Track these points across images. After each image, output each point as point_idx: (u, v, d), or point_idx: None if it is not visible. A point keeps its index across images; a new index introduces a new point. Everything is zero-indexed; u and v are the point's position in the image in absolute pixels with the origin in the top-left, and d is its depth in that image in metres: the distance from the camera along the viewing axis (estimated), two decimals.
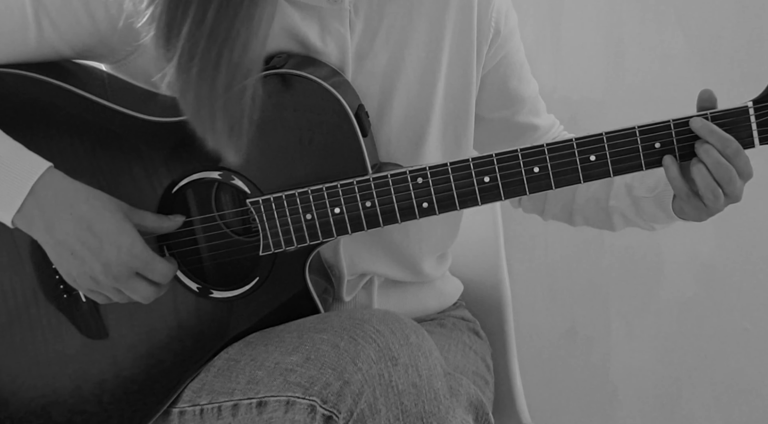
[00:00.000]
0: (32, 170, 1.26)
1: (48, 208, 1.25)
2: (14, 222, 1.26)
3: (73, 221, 1.26)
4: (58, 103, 1.32)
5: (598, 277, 2.29)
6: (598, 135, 1.30)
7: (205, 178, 1.34)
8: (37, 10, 1.28)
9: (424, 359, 1.21)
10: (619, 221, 1.52)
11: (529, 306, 2.30)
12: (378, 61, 1.39)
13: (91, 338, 1.37)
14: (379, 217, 1.32)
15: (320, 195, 1.31)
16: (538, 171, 1.31)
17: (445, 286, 1.63)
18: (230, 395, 1.29)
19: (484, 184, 1.31)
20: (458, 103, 1.46)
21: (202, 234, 1.36)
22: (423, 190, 1.31)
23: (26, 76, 1.31)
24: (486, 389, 1.56)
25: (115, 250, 1.27)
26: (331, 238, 1.33)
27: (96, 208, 1.27)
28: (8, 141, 1.27)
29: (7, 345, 1.37)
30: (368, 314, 1.26)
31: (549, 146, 1.30)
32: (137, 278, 1.30)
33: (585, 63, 2.18)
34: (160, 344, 1.37)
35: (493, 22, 1.46)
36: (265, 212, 1.32)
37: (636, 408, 2.33)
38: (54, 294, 1.36)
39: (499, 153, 1.31)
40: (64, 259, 1.28)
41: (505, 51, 1.49)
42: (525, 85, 1.54)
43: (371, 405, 1.17)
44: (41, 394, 1.38)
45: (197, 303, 1.37)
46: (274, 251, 1.34)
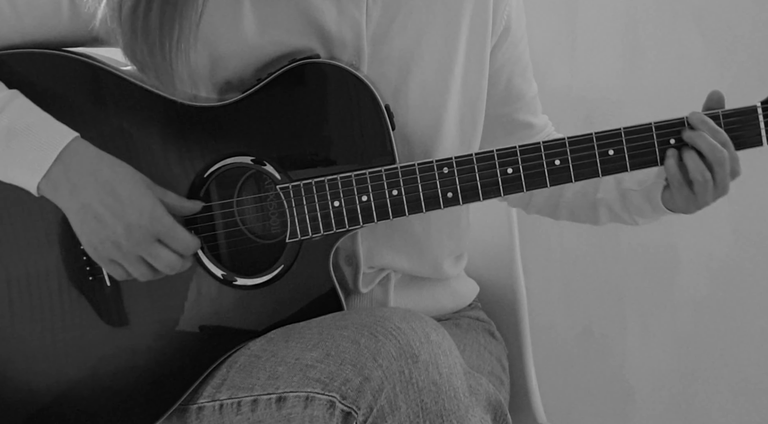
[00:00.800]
0: (60, 138, 1.28)
1: (73, 173, 1.28)
2: (40, 187, 1.28)
3: (97, 184, 1.28)
4: (93, 83, 1.35)
5: (613, 277, 2.29)
6: (616, 130, 1.35)
7: (236, 164, 1.35)
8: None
9: (445, 357, 1.21)
10: (605, 214, 1.55)
11: (545, 306, 2.30)
12: (394, 47, 1.41)
13: (111, 326, 1.38)
14: (405, 205, 1.35)
15: (348, 182, 1.34)
16: (559, 164, 1.35)
17: (461, 286, 1.63)
18: (250, 391, 1.29)
19: (507, 176, 1.35)
20: (474, 90, 1.48)
21: (229, 219, 1.38)
22: (448, 180, 1.35)
23: (61, 55, 1.33)
24: (502, 389, 1.56)
25: (137, 212, 1.28)
26: (357, 226, 1.35)
27: (119, 173, 1.29)
28: (38, 111, 1.30)
29: (27, 328, 1.38)
30: (389, 312, 1.26)
31: (570, 139, 1.35)
32: (159, 244, 1.30)
33: (601, 62, 2.18)
34: (181, 334, 1.38)
35: (505, 16, 1.49)
36: (294, 197, 1.34)
37: (651, 408, 2.33)
38: (79, 276, 1.37)
39: (522, 145, 1.35)
40: (87, 224, 1.29)
41: (514, 49, 1.53)
42: (528, 85, 1.58)
43: (391, 402, 1.18)
44: (57, 380, 1.38)
45: (220, 291, 1.37)
46: (301, 238, 1.35)
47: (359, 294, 1.49)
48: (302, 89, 1.33)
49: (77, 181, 1.28)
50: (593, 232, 2.25)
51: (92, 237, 1.29)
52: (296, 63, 1.33)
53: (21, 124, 1.27)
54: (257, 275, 1.37)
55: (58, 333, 1.38)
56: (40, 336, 1.38)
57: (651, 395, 2.33)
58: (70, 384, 1.38)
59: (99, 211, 1.28)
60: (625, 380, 2.33)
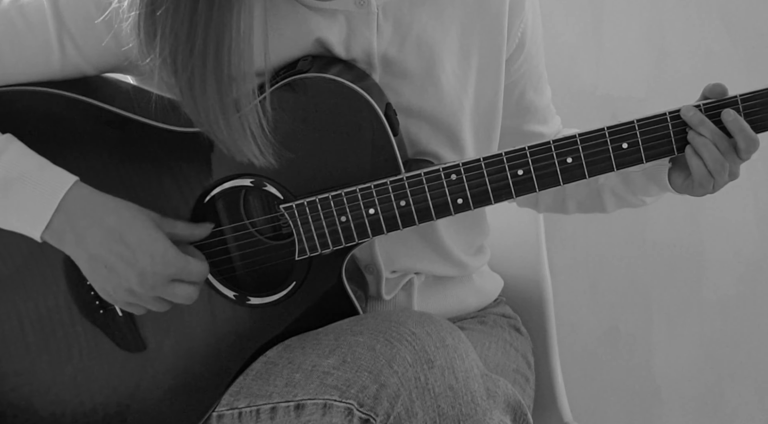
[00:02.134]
0: (59, 185, 1.26)
1: (77, 222, 1.26)
2: (43, 237, 1.26)
3: (104, 233, 1.26)
4: (84, 118, 1.31)
5: (640, 275, 2.28)
6: (629, 123, 1.31)
7: (236, 186, 1.34)
8: (60, 32, 1.28)
9: (461, 361, 1.21)
10: (610, 200, 1.53)
11: (571, 304, 2.29)
12: (408, 65, 1.39)
13: (129, 352, 1.38)
14: (414, 215, 1.32)
15: (354, 197, 1.31)
16: (571, 161, 1.32)
17: (485, 283, 1.62)
18: (268, 398, 1.29)
19: (518, 177, 1.32)
20: (489, 105, 1.46)
21: (235, 242, 1.36)
22: (457, 187, 1.32)
23: (50, 92, 1.30)
24: (527, 387, 1.55)
25: (149, 259, 1.26)
26: (367, 238, 1.33)
27: (125, 218, 1.27)
28: (33, 156, 1.27)
29: (44, 362, 1.38)
30: (404, 317, 1.26)
31: (582, 136, 1.31)
32: (174, 282, 1.30)
33: (627, 61, 2.16)
34: (199, 354, 1.38)
35: (519, 33, 1.46)
36: (299, 216, 1.32)
37: (678, 407, 2.32)
38: (90, 310, 1.36)
39: (531, 146, 1.31)
40: (98, 273, 1.28)
41: (528, 64, 1.50)
42: (539, 96, 1.55)
43: (408, 408, 1.18)
44: (80, 410, 1.39)
45: (234, 311, 1.37)
46: (310, 254, 1.33)
47: (383, 301, 1.49)
48: (295, 105, 1.29)
49: (82, 230, 1.26)
50: (619, 230, 2.25)
51: (105, 285, 1.29)
52: (286, 80, 1.29)
53: (16, 173, 1.25)
54: (270, 293, 1.37)
55: (77, 363, 1.38)
56: (59, 367, 1.38)
57: (677, 394, 2.32)
58: (96, 410, 1.39)
59: (109, 261, 1.26)
60: (651, 379, 2.32)
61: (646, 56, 2.15)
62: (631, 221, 2.22)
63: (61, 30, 1.28)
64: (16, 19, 1.29)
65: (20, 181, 1.25)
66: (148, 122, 1.31)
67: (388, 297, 1.48)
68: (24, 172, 1.25)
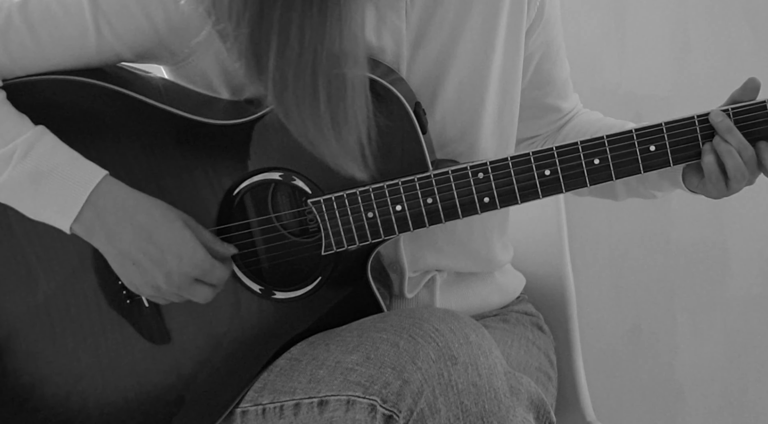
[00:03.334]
0: (89, 179, 1.27)
1: (107, 218, 1.27)
2: (72, 229, 1.27)
3: (134, 231, 1.27)
4: (116, 107, 1.33)
5: (663, 273, 2.27)
6: (657, 125, 1.31)
7: (265, 180, 1.34)
8: (96, 15, 1.29)
9: (484, 358, 1.21)
10: (621, 190, 1.52)
11: (593, 302, 2.29)
12: (431, 48, 1.39)
13: (154, 343, 1.39)
14: (441, 213, 1.33)
15: (382, 193, 1.32)
16: (598, 163, 1.32)
17: (507, 280, 1.62)
18: (292, 395, 1.30)
19: (545, 178, 1.32)
20: (510, 83, 1.47)
21: (262, 236, 1.37)
22: (484, 185, 1.32)
23: (83, 81, 1.32)
24: (549, 385, 1.55)
25: (176, 260, 1.28)
26: (393, 235, 1.34)
27: (155, 217, 1.28)
28: (64, 149, 1.28)
29: (70, 352, 1.39)
30: (428, 313, 1.26)
31: (609, 138, 1.31)
32: (197, 283, 1.31)
33: (651, 58, 2.16)
34: (223, 348, 1.38)
35: (538, 2, 1.46)
36: (327, 211, 1.32)
37: (702, 406, 2.31)
38: (116, 300, 1.37)
39: (559, 146, 1.31)
40: (127, 268, 1.29)
41: (546, 35, 1.50)
42: (558, 69, 1.55)
43: (431, 405, 1.18)
44: (104, 400, 1.40)
45: (260, 305, 1.38)
46: (336, 250, 1.34)
47: (405, 299, 1.49)
48: None
49: (112, 226, 1.27)
50: (642, 228, 2.24)
51: (132, 279, 1.30)
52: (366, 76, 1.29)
53: (48, 166, 1.26)
54: (296, 288, 1.37)
55: (102, 353, 1.39)
56: (84, 357, 1.39)
57: (701, 392, 2.31)
58: (119, 400, 1.40)
59: (138, 258, 1.27)
60: (674, 378, 2.31)
61: (670, 54, 2.15)
62: (655, 219, 2.22)
63: (97, 12, 1.29)
64: (52, 4, 1.30)
65: (51, 174, 1.26)
66: (180, 113, 1.32)
67: (410, 295, 1.48)
68: (55, 166, 1.26)
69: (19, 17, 1.29)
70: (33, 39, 1.30)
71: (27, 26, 1.29)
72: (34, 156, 1.26)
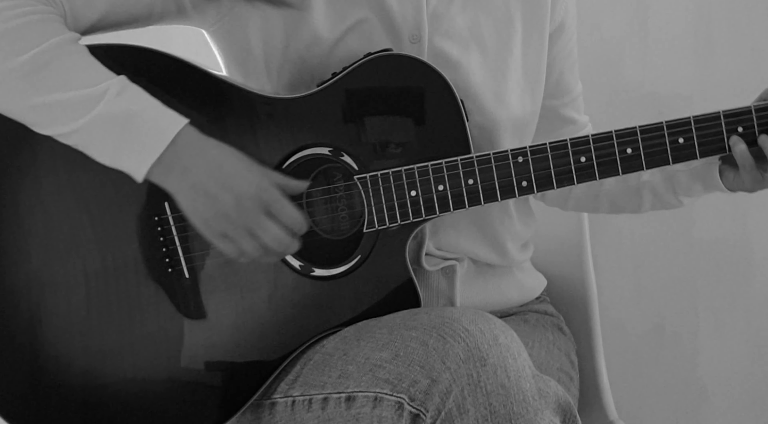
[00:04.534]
0: (175, 123, 1.29)
1: (184, 156, 1.28)
2: (152, 170, 1.28)
3: (206, 162, 1.29)
4: (172, 75, 1.37)
5: (686, 272, 2.27)
6: (686, 119, 1.38)
7: (314, 155, 1.37)
8: None
9: (513, 360, 1.21)
10: (648, 198, 1.55)
11: (615, 302, 2.29)
12: (455, 24, 1.43)
13: (189, 318, 1.39)
14: (480, 194, 1.37)
15: (425, 172, 1.36)
16: (630, 152, 1.38)
17: (528, 278, 1.63)
18: (321, 389, 1.31)
19: (580, 164, 1.38)
20: (534, 71, 1.50)
21: (306, 210, 1.39)
22: (523, 169, 1.37)
23: (145, 48, 1.36)
24: (571, 386, 1.55)
25: (245, 183, 1.28)
26: (434, 215, 1.37)
27: (226, 151, 1.30)
28: (149, 99, 1.30)
29: (105, 320, 1.39)
30: (458, 313, 1.27)
31: (642, 128, 1.38)
32: (269, 217, 1.30)
33: (673, 58, 2.16)
34: (258, 326, 1.39)
35: (562, 13, 1.52)
36: (372, 188, 1.36)
37: (725, 405, 2.31)
38: (158, 268, 1.38)
39: (595, 134, 1.38)
40: (198, 201, 1.29)
41: (566, 44, 1.55)
42: (575, 81, 1.60)
43: (459, 405, 1.18)
44: (135, 371, 1.40)
45: (298, 282, 1.38)
46: (378, 227, 1.37)
47: (423, 272, 1.48)
48: (378, 81, 1.36)
49: (187, 162, 1.28)
50: (665, 227, 2.24)
51: (204, 213, 1.30)
52: (372, 56, 1.36)
53: (139, 107, 1.28)
54: (334, 266, 1.39)
55: (135, 325, 1.39)
56: (117, 328, 1.39)
57: (724, 392, 2.30)
58: (148, 375, 1.40)
59: (208, 186, 1.28)
60: (697, 378, 2.31)
61: (692, 53, 2.15)
62: (677, 218, 2.21)
63: None
64: None
65: (142, 114, 1.28)
66: (235, 84, 1.37)
67: (429, 268, 1.48)
68: (146, 107, 1.29)
69: None
70: None
71: None
72: (127, 96, 1.28)
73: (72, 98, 1.28)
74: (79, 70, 1.30)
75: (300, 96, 1.37)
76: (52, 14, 1.32)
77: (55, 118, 1.29)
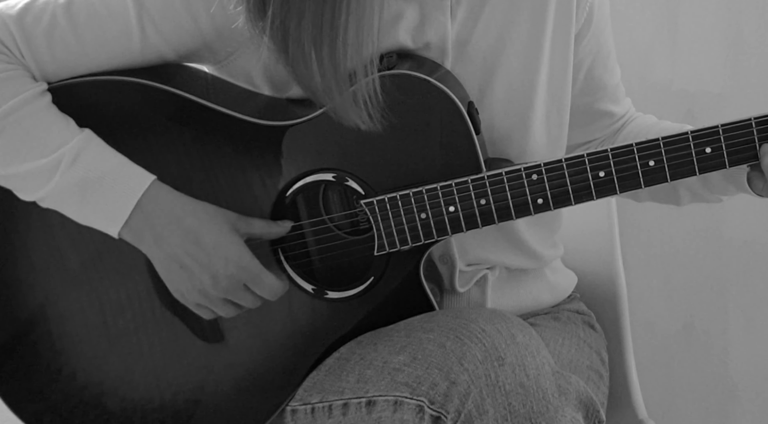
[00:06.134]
0: (137, 185, 1.27)
1: (156, 222, 1.27)
2: (121, 235, 1.28)
3: (181, 234, 1.28)
4: (163, 106, 1.33)
5: (715, 271, 2.25)
6: (713, 127, 1.31)
7: (318, 181, 1.35)
8: (141, 14, 1.29)
9: (531, 358, 1.21)
10: (685, 195, 1.51)
11: (645, 300, 2.28)
12: (478, 47, 1.39)
13: (207, 342, 1.40)
14: (494, 214, 1.33)
15: (435, 194, 1.32)
16: (653, 165, 1.31)
17: (559, 279, 1.62)
18: (340, 394, 1.30)
19: (599, 179, 1.32)
20: (559, 85, 1.46)
21: (314, 236, 1.38)
22: (538, 187, 1.32)
23: (127, 81, 1.32)
24: (600, 384, 1.55)
25: (222, 262, 1.28)
26: (446, 236, 1.34)
27: (203, 221, 1.29)
28: (111, 155, 1.29)
29: (124, 351, 1.40)
30: (474, 314, 1.27)
31: (665, 140, 1.30)
32: (246, 290, 1.31)
33: (703, 55, 2.14)
34: (276, 347, 1.39)
35: (587, 6, 1.46)
36: (380, 212, 1.33)
37: (756, 405, 2.29)
38: (170, 298, 1.37)
39: (614, 148, 1.31)
40: (173, 272, 1.30)
41: (596, 39, 1.50)
42: (609, 74, 1.54)
43: (478, 406, 1.18)
44: (157, 399, 1.41)
45: (312, 304, 1.38)
46: (389, 250, 1.35)
47: (456, 294, 1.48)
48: (384, 101, 1.28)
49: (161, 230, 1.28)
50: (695, 225, 2.22)
51: (179, 285, 1.31)
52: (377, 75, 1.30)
53: (96, 174, 1.26)
54: (348, 288, 1.38)
55: (155, 351, 1.40)
56: (138, 354, 1.40)
57: (755, 391, 2.29)
58: (172, 398, 1.41)
59: (185, 261, 1.28)
60: (727, 376, 2.29)
61: (722, 50, 2.13)
62: (707, 217, 2.20)
63: (142, 13, 1.30)
64: (97, 5, 1.30)
65: (99, 182, 1.27)
66: (229, 113, 1.33)
67: (462, 290, 1.48)
68: (103, 173, 1.27)
69: (63, 18, 1.29)
70: (77, 39, 1.30)
71: (72, 27, 1.29)
72: (82, 164, 1.27)
73: (28, 170, 1.27)
74: (31, 139, 1.27)
75: (299, 121, 1.32)
76: (7, 72, 1.29)
77: (20, 188, 1.29)
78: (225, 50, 1.35)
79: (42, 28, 1.29)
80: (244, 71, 1.38)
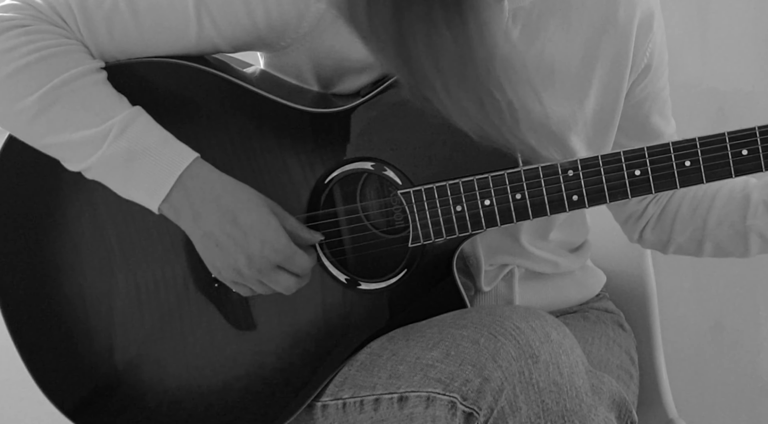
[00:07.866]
0: (180, 160, 1.28)
1: (195, 198, 1.28)
2: (161, 209, 1.29)
3: (219, 212, 1.28)
4: (213, 91, 1.35)
5: (745, 270, 2.24)
6: (750, 129, 1.30)
7: (357, 170, 1.36)
8: (199, 8, 1.31)
9: (565, 356, 1.21)
10: (756, 242, 1.49)
11: (675, 299, 2.27)
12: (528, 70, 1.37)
13: (239, 330, 1.40)
14: (529, 209, 1.33)
15: (471, 186, 1.32)
16: (689, 165, 1.31)
17: (587, 277, 1.62)
18: (372, 390, 1.31)
19: (635, 178, 1.31)
20: (605, 123, 1.45)
21: (349, 225, 1.38)
22: (573, 183, 1.32)
23: (182, 64, 1.34)
24: (630, 383, 1.55)
25: (259, 243, 1.29)
26: (481, 230, 1.34)
27: (242, 200, 1.30)
28: (159, 131, 1.30)
29: (157, 334, 1.41)
30: (509, 311, 1.26)
31: (701, 140, 1.30)
32: (279, 270, 1.32)
33: (734, 52, 2.13)
34: (307, 337, 1.39)
35: (647, 54, 1.45)
36: (416, 203, 1.33)
37: None
38: (205, 283, 1.39)
39: (650, 147, 1.31)
40: (210, 250, 1.30)
41: (653, 86, 1.49)
42: (665, 123, 1.53)
43: (511, 403, 1.18)
44: (189, 380, 1.41)
45: (344, 295, 1.39)
46: (423, 242, 1.35)
47: (482, 292, 1.48)
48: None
49: (200, 207, 1.28)
50: None
51: (215, 262, 1.31)
52: None
53: (141, 146, 1.27)
54: (381, 279, 1.38)
55: (187, 336, 1.40)
56: (170, 338, 1.41)
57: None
58: (202, 384, 1.41)
59: (221, 239, 1.29)
60: (758, 375, 2.28)
61: (753, 48, 2.12)
62: None
63: (200, 5, 1.31)
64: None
65: (143, 154, 1.27)
66: (278, 100, 1.34)
67: (487, 288, 1.48)
68: (148, 147, 1.28)
69: (125, 3, 1.31)
70: (136, 26, 1.31)
71: (132, 13, 1.31)
72: (129, 136, 1.28)
73: (78, 139, 1.28)
74: (84, 109, 1.29)
75: (341, 109, 1.34)
76: (68, 46, 1.31)
77: (69, 157, 1.30)
78: (279, 44, 1.36)
79: (103, 12, 1.31)
80: (295, 64, 1.39)
